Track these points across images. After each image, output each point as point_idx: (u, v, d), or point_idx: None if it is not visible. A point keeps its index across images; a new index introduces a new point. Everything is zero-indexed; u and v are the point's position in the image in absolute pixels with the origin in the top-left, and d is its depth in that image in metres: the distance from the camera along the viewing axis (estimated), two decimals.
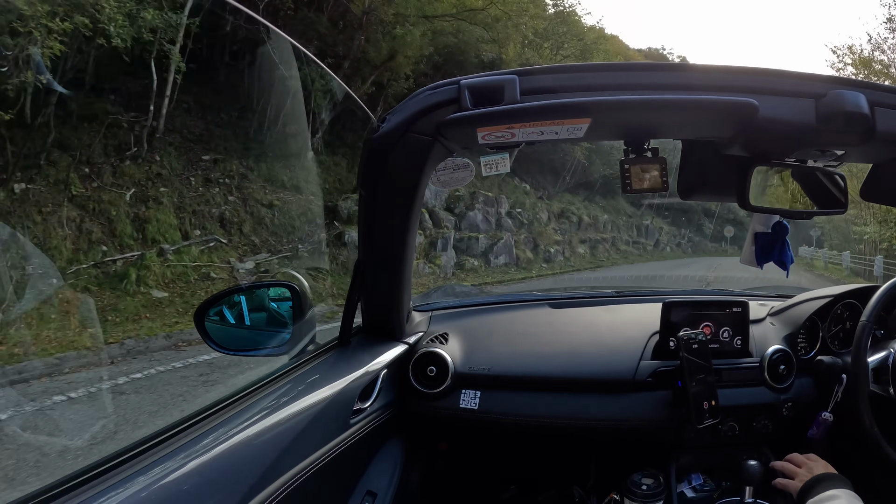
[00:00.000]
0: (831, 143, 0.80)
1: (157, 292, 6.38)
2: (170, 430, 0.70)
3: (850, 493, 0.89)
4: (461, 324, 1.30)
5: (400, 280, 1.05)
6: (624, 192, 0.85)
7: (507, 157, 0.96)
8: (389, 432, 1.10)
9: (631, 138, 0.84)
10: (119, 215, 6.94)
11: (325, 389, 0.90)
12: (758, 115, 0.71)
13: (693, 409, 1.08)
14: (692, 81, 0.74)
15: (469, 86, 0.74)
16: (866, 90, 0.73)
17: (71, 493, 0.57)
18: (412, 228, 0.97)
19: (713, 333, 1.22)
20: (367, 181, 0.90)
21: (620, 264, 17.70)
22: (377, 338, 1.13)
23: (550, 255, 15.47)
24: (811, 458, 1.01)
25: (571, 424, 1.17)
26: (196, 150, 8.61)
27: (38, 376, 4.01)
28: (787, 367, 1.20)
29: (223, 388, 4.17)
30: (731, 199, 0.91)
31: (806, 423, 1.20)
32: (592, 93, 0.73)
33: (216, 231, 7.86)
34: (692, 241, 28.59)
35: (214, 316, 1.01)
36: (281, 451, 0.75)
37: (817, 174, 0.91)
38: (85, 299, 5.61)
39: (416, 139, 0.81)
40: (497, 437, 1.30)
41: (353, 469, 0.99)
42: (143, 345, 5.05)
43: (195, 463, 0.65)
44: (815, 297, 1.33)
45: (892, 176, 0.90)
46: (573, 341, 1.26)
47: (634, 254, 20.94)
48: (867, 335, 1.11)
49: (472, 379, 1.16)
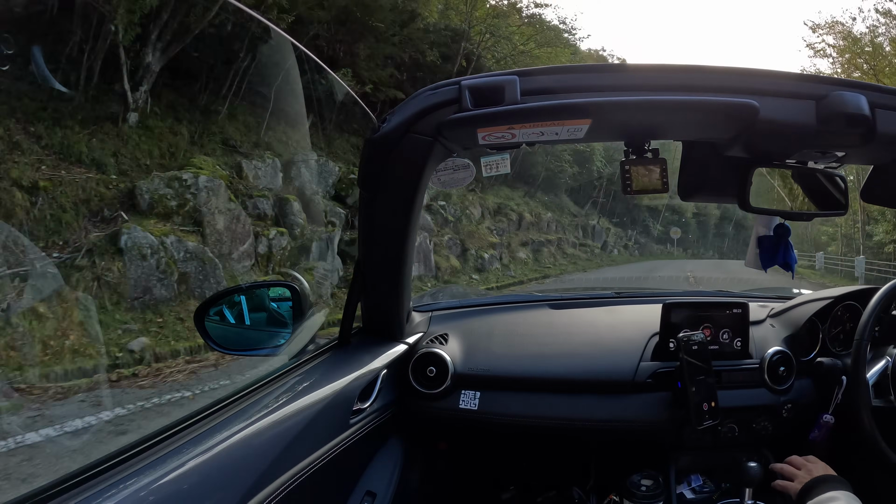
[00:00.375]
0: (832, 145, 0.80)
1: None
2: (169, 429, 0.70)
3: (849, 494, 0.89)
4: (461, 324, 1.30)
5: (400, 280, 1.05)
6: (624, 192, 0.85)
7: (508, 157, 0.96)
8: (389, 432, 1.10)
9: (631, 139, 0.84)
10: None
11: (324, 389, 0.90)
12: (758, 116, 0.71)
13: (693, 410, 1.08)
14: (693, 82, 0.74)
15: (469, 86, 0.74)
16: (867, 92, 0.73)
17: (71, 491, 0.57)
18: (412, 229, 0.97)
19: (713, 335, 1.21)
20: (367, 181, 0.90)
21: (571, 272, 15.59)
22: (377, 338, 1.13)
23: (484, 262, 12.29)
24: (810, 460, 1.01)
25: (571, 425, 1.17)
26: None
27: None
28: (787, 369, 1.20)
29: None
30: (731, 200, 0.91)
31: (806, 425, 1.20)
32: (593, 94, 0.73)
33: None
34: (639, 243, 27.20)
35: (214, 315, 1.01)
36: (280, 450, 0.75)
37: (818, 175, 0.91)
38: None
39: (416, 139, 0.81)
40: (497, 438, 1.30)
41: (352, 469, 0.99)
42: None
43: (195, 462, 0.65)
44: (815, 299, 1.33)
45: (893, 177, 0.90)
46: (573, 342, 1.26)
47: (582, 258, 18.88)
48: (864, 351, 1.10)
49: (471, 379, 1.15)
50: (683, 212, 30.13)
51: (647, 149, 0.84)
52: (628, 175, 0.83)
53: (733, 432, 1.17)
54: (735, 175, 0.87)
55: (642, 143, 0.84)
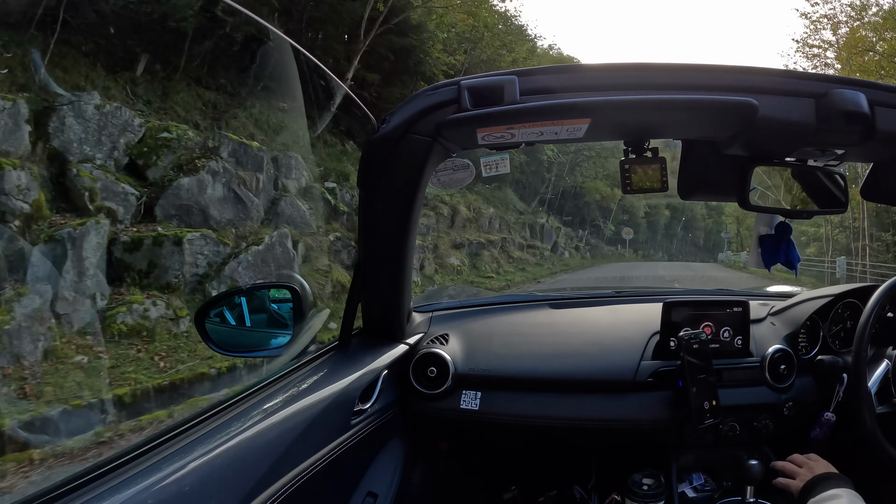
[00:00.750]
0: (831, 143, 0.80)
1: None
2: (171, 431, 0.70)
3: (851, 492, 0.89)
4: (462, 324, 1.30)
5: (400, 281, 1.05)
6: (624, 191, 0.85)
7: (508, 157, 0.96)
8: (390, 433, 1.10)
9: (631, 138, 0.84)
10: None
11: (325, 390, 0.90)
12: (758, 114, 0.71)
13: (694, 409, 1.08)
14: (692, 81, 0.74)
15: (469, 86, 0.74)
16: (866, 89, 0.73)
17: (72, 494, 0.57)
18: (412, 229, 0.97)
19: (714, 333, 1.22)
20: (366, 182, 0.90)
21: (518, 282, 12.45)
22: (377, 339, 1.13)
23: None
24: (812, 458, 1.01)
25: (572, 425, 1.17)
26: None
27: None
28: (788, 367, 1.20)
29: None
30: (731, 198, 0.91)
31: (807, 423, 1.20)
32: (592, 93, 0.73)
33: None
34: (590, 245, 25.17)
35: (215, 317, 1.01)
36: (282, 452, 0.75)
37: (818, 173, 0.91)
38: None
39: (415, 140, 0.81)
40: (498, 438, 1.30)
41: (353, 470, 0.99)
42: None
43: (196, 464, 0.65)
44: (815, 297, 1.33)
45: (892, 175, 0.90)
46: (573, 342, 1.26)
47: (531, 262, 15.74)
48: (865, 349, 1.10)
49: (472, 379, 1.15)
50: (635, 211, 28.55)
51: (647, 148, 0.84)
52: (628, 174, 0.83)
53: (734, 431, 1.17)
54: (735, 173, 0.87)
55: (642, 141, 0.84)
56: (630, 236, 27.33)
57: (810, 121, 0.73)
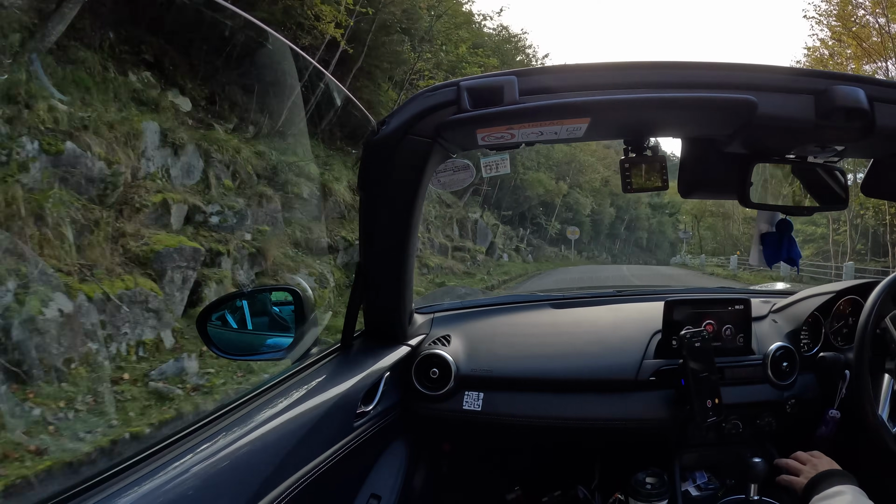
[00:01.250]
0: (831, 139, 0.80)
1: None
2: (174, 434, 0.70)
3: (855, 488, 0.89)
4: (463, 325, 1.30)
5: (401, 283, 1.05)
6: (625, 191, 0.85)
7: (508, 157, 0.96)
8: (393, 435, 1.10)
9: (631, 137, 0.84)
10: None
11: (328, 393, 0.90)
12: (757, 111, 0.71)
13: (696, 407, 1.08)
14: (691, 79, 0.74)
15: (468, 87, 0.74)
16: (865, 85, 0.73)
17: (77, 498, 0.57)
18: (413, 231, 0.97)
19: (716, 331, 1.21)
20: (366, 184, 0.91)
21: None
22: (379, 341, 1.13)
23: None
24: (815, 455, 1.01)
25: (575, 424, 1.17)
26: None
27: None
28: (791, 364, 1.20)
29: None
30: (731, 196, 0.91)
31: (810, 420, 1.19)
32: (591, 92, 0.73)
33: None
34: (532, 246, 21.85)
35: (217, 321, 1.01)
36: (285, 455, 0.75)
37: (818, 170, 0.91)
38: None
39: (415, 141, 0.81)
40: (501, 438, 1.30)
41: (357, 472, 0.99)
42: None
43: (199, 467, 0.65)
44: (816, 294, 1.33)
45: (892, 171, 0.90)
46: (575, 341, 1.26)
47: (459, 270, 12.33)
48: (867, 345, 1.10)
49: (475, 380, 1.15)
50: (580, 209, 25.62)
51: (647, 146, 0.84)
52: (628, 173, 0.83)
53: (737, 429, 1.17)
54: (735, 171, 0.87)
55: (642, 140, 0.84)
56: (576, 236, 24.99)
57: (810, 117, 0.73)
